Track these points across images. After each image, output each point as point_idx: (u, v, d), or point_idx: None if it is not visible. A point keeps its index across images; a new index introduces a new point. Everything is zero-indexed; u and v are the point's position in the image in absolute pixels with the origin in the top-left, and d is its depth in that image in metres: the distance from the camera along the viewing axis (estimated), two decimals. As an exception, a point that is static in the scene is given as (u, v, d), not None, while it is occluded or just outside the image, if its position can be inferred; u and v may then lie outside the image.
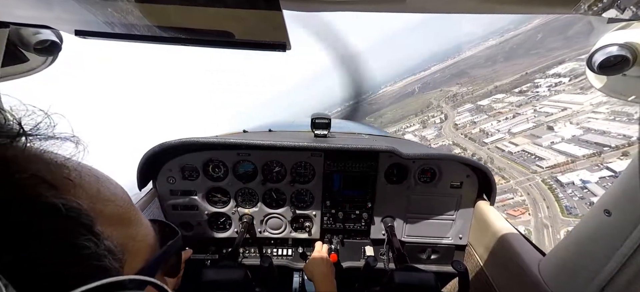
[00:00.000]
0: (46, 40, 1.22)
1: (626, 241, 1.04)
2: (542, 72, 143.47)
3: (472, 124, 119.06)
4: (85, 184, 0.43)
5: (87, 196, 0.42)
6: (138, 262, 0.48)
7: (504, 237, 1.76)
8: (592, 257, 1.16)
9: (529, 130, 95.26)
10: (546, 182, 69.40)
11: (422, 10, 0.76)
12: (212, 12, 0.68)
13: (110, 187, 0.48)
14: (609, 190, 1.15)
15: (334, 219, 2.35)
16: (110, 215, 0.45)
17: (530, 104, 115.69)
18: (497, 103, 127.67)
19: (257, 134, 2.86)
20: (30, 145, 0.43)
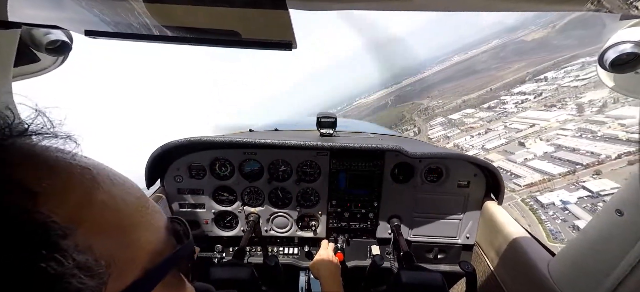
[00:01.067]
0: (57, 40, 1.24)
1: (639, 242, 1.02)
2: (505, 89, 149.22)
3: (446, 139, 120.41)
4: (73, 189, 0.39)
5: (73, 204, 0.37)
6: (133, 273, 0.43)
7: (512, 236, 1.73)
8: (604, 258, 1.14)
9: (501, 146, 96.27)
10: (526, 202, 68.54)
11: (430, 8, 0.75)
12: (219, 11, 0.68)
13: (115, 191, 0.44)
14: (620, 189, 1.12)
15: (339, 218, 2.35)
16: (102, 223, 0.40)
17: (500, 120, 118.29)
18: (467, 118, 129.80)
19: (263, 133, 2.87)
20: (25, 144, 0.41)
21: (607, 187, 60.28)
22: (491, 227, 2.01)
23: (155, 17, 0.72)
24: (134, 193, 0.48)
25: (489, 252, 2.01)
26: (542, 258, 1.51)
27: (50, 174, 0.38)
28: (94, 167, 0.43)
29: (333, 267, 1.94)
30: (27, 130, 0.43)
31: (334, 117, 2.38)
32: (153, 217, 0.49)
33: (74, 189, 0.39)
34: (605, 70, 0.99)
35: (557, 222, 60.54)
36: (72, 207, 0.37)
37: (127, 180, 0.48)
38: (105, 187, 0.42)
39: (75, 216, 0.36)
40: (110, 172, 0.46)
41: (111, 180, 0.44)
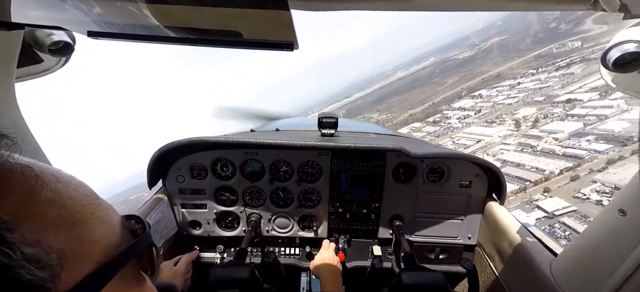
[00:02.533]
0: (59, 41, 1.25)
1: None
2: (446, 103, 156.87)
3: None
4: (15, 187, 0.40)
5: (16, 201, 0.39)
6: (87, 265, 0.44)
7: (514, 237, 1.73)
8: (607, 258, 1.13)
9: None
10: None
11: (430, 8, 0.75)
12: (221, 12, 0.68)
13: (61, 188, 0.45)
14: (623, 189, 1.12)
15: (341, 218, 2.35)
16: (49, 218, 0.41)
17: (447, 135, 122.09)
18: (416, 132, 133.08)
19: (265, 134, 2.87)
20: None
21: (560, 206, 60.67)
22: (493, 227, 2.00)
23: (158, 18, 0.72)
24: (82, 190, 0.49)
25: (491, 253, 2.01)
26: (545, 258, 1.50)
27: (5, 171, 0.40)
28: (36, 167, 0.44)
29: (334, 267, 1.94)
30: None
31: (335, 118, 2.38)
32: (105, 213, 0.50)
33: (16, 187, 0.40)
34: (608, 69, 0.99)
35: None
36: (16, 204, 0.38)
37: (73, 178, 0.49)
38: (50, 185, 0.43)
39: (21, 212, 0.38)
40: (55, 170, 0.47)
41: (56, 178, 0.45)
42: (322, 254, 2.07)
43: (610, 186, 59.98)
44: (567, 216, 58.79)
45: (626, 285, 1.08)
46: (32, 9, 0.81)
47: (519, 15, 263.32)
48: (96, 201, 0.50)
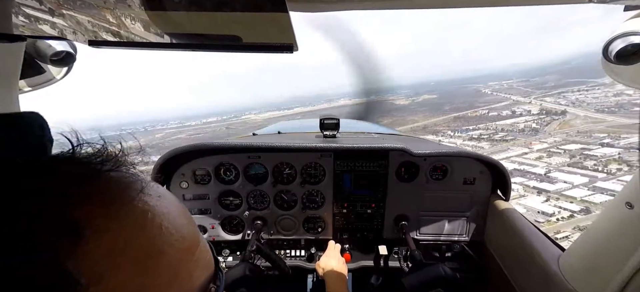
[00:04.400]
0: (61, 52, 1.26)
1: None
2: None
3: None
4: (117, 234, 0.35)
5: (106, 251, 0.34)
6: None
7: (521, 232, 1.72)
8: (615, 252, 1.12)
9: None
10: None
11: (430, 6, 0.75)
12: (220, 17, 0.68)
13: (154, 245, 0.39)
14: (630, 182, 1.11)
15: (345, 219, 2.34)
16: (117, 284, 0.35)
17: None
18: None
19: (267, 137, 2.88)
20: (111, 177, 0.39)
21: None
22: (499, 224, 1.99)
23: (158, 26, 0.73)
24: (180, 249, 0.42)
25: (498, 249, 1.99)
26: (552, 254, 1.49)
27: (109, 216, 0.36)
28: (153, 213, 0.40)
29: (339, 268, 1.93)
30: (116, 164, 0.41)
31: (336, 119, 2.38)
32: (190, 280, 0.44)
33: (115, 239, 0.35)
34: (610, 62, 0.98)
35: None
36: (101, 260, 0.33)
37: (182, 229, 0.43)
38: (147, 240, 0.38)
39: (102, 270, 0.33)
40: (163, 219, 0.41)
41: (163, 230, 0.40)
42: (328, 255, 2.06)
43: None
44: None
45: (635, 279, 1.07)
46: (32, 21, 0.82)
47: (448, 81, 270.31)
48: (180, 270, 0.43)
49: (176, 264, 0.41)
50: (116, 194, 0.38)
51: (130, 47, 0.84)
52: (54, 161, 0.39)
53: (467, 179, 2.16)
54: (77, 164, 0.38)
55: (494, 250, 2.04)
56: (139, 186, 0.41)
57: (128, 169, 0.43)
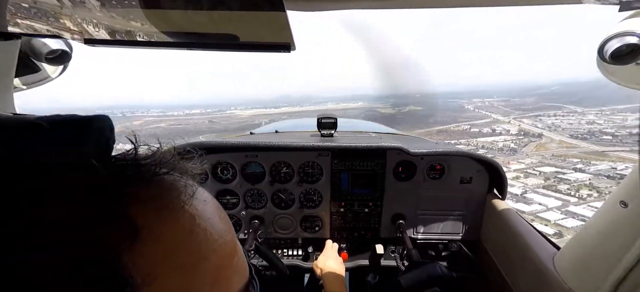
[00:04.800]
0: (57, 50, 1.25)
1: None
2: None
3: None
4: (167, 238, 0.36)
5: (159, 255, 0.35)
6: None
7: (516, 231, 1.73)
8: (610, 250, 1.13)
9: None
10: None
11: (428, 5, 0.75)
12: (217, 16, 0.68)
13: (200, 250, 0.39)
14: (624, 180, 1.12)
15: (343, 218, 2.35)
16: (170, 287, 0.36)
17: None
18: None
19: (264, 136, 2.87)
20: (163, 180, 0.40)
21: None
22: (495, 223, 2.00)
23: (155, 24, 0.72)
24: (222, 262, 0.43)
25: (494, 248, 2.00)
26: (548, 252, 1.50)
27: (163, 219, 0.37)
28: (200, 217, 0.41)
29: (337, 268, 1.94)
30: (170, 167, 0.42)
31: (334, 118, 2.38)
32: (229, 286, 0.44)
33: (170, 242, 0.36)
34: (605, 61, 0.99)
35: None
36: (155, 261, 0.34)
37: (224, 237, 0.44)
38: (196, 242, 0.39)
39: (154, 272, 0.33)
40: (210, 224, 0.42)
41: (207, 235, 0.41)
42: (326, 255, 2.07)
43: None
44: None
45: (629, 276, 1.08)
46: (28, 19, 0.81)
47: (434, 94, 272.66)
48: (222, 275, 0.43)
49: (218, 269, 0.42)
50: (169, 197, 0.39)
51: (127, 46, 0.83)
52: (119, 161, 0.40)
53: (464, 178, 2.17)
54: (137, 165, 0.40)
55: (490, 249, 2.05)
56: (191, 191, 0.42)
57: (180, 172, 0.44)
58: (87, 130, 0.34)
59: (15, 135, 0.32)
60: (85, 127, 0.34)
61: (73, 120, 0.34)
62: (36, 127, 0.32)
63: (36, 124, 0.32)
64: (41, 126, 0.32)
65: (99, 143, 0.36)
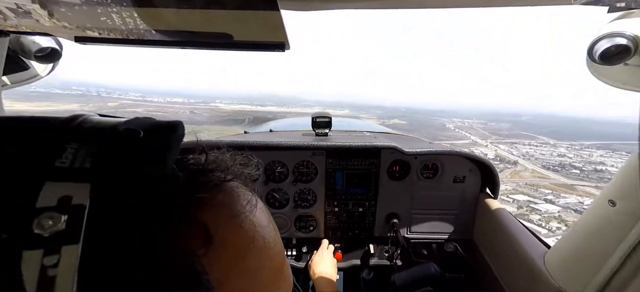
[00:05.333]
0: (46, 48, 1.23)
1: (632, 230, 1.03)
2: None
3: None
4: (235, 245, 0.38)
5: (227, 261, 0.36)
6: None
7: (508, 230, 1.75)
8: (598, 248, 1.15)
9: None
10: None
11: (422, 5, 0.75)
12: (210, 14, 0.68)
13: (261, 258, 0.41)
14: (612, 180, 1.14)
15: (337, 217, 2.35)
16: (237, 290, 0.37)
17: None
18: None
19: (258, 135, 2.86)
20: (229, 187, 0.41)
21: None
22: (487, 222, 2.02)
23: (147, 22, 0.71)
24: (278, 260, 0.45)
25: (486, 247, 2.03)
26: (538, 251, 1.52)
27: (230, 225, 0.38)
28: (259, 224, 0.42)
29: (329, 267, 1.94)
30: (235, 175, 0.44)
31: (329, 117, 2.38)
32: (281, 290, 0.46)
33: (237, 247, 0.38)
34: (595, 62, 1.00)
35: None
36: (224, 266, 0.35)
37: (277, 243, 0.45)
38: (257, 248, 0.40)
39: (223, 277, 0.35)
40: (266, 232, 0.43)
41: (265, 241, 0.42)
42: (320, 256, 2.07)
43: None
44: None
45: (617, 275, 1.10)
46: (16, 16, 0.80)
47: (418, 110, 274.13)
48: (279, 277, 0.45)
49: (273, 277, 0.43)
50: (235, 204, 0.40)
51: (119, 44, 0.82)
52: (191, 166, 0.41)
53: (457, 178, 2.19)
54: (207, 171, 0.41)
55: (482, 248, 2.07)
56: (253, 199, 0.43)
57: (241, 179, 0.45)
58: (173, 137, 0.34)
59: (119, 144, 0.31)
60: (171, 134, 0.34)
61: (161, 127, 0.34)
62: (133, 134, 0.32)
63: (133, 131, 0.32)
64: (137, 133, 0.32)
65: (177, 150, 0.37)
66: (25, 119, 0.32)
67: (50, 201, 0.26)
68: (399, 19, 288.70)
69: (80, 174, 0.28)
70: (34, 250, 0.24)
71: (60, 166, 0.28)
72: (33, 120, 0.32)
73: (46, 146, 0.29)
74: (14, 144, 0.29)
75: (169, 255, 0.30)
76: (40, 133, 0.30)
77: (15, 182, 0.27)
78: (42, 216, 0.25)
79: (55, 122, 0.32)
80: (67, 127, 0.31)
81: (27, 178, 0.27)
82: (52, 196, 0.26)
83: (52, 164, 0.28)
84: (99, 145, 0.30)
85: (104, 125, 0.33)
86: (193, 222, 0.34)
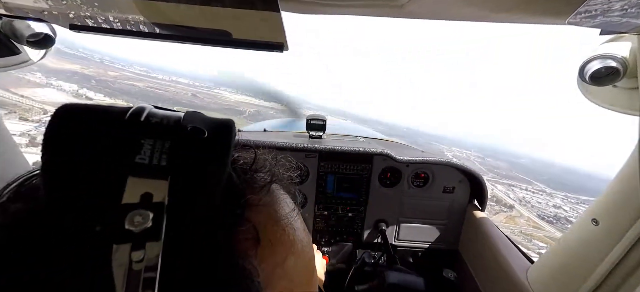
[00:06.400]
0: (40, 33, 1.21)
1: (613, 250, 1.05)
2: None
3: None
4: (281, 246, 0.39)
5: (273, 263, 0.37)
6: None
7: (493, 243, 1.77)
8: (580, 265, 1.18)
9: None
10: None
11: (418, 17, 0.76)
12: (209, 10, 0.67)
13: (299, 260, 0.42)
14: (597, 199, 1.17)
15: (326, 221, 2.35)
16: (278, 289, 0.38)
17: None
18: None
19: (252, 134, 2.85)
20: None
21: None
22: (474, 233, 2.04)
23: (144, 14, 0.71)
24: (311, 264, 0.46)
25: (471, 258, 2.05)
26: (521, 265, 1.54)
27: (275, 227, 0.39)
28: (297, 229, 0.43)
29: (318, 266, 1.94)
30: (278, 177, 0.45)
31: (323, 120, 2.38)
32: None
33: (280, 249, 0.38)
34: (585, 82, 1.03)
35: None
36: (270, 268, 0.36)
37: (311, 247, 0.46)
38: (297, 252, 0.41)
39: (268, 279, 0.35)
40: (303, 236, 0.44)
41: (302, 246, 0.43)
42: None
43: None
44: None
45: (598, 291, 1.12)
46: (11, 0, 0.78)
47: (418, 132, 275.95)
48: (312, 279, 0.46)
49: (308, 279, 0.45)
50: (279, 207, 0.42)
51: (115, 34, 0.81)
52: (240, 166, 0.42)
53: (447, 188, 2.21)
54: (255, 171, 0.42)
55: (468, 259, 2.09)
56: (293, 204, 0.46)
57: (286, 183, 0.48)
58: (231, 136, 0.34)
59: (189, 143, 0.31)
60: (230, 135, 0.34)
61: (221, 127, 0.34)
62: (199, 133, 0.32)
63: (200, 130, 0.32)
64: (203, 132, 0.32)
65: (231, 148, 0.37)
66: (91, 108, 0.32)
67: (134, 197, 0.27)
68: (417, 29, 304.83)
69: (159, 171, 0.28)
70: (124, 244, 0.25)
71: (141, 162, 0.28)
72: (102, 112, 0.32)
73: (123, 140, 0.29)
74: (94, 137, 0.29)
75: (231, 256, 0.31)
76: (114, 126, 0.31)
77: (102, 176, 0.27)
78: (134, 213, 0.26)
79: (123, 115, 0.32)
80: (137, 122, 0.31)
81: (111, 173, 0.28)
82: (136, 193, 0.27)
83: (133, 159, 0.28)
84: (171, 142, 0.30)
85: (169, 120, 0.33)
86: (245, 223, 0.35)
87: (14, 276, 0.25)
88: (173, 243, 0.27)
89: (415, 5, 0.70)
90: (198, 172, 0.30)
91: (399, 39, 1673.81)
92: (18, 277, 0.25)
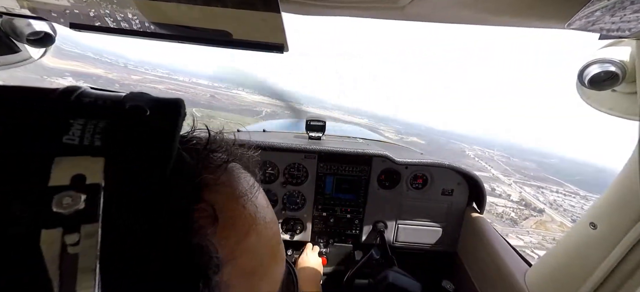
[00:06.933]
0: (40, 32, 1.21)
1: (611, 253, 1.06)
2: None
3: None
4: (241, 222, 0.39)
5: (234, 238, 0.37)
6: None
7: (491, 246, 1.77)
8: (577, 269, 1.18)
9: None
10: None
11: (419, 19, 0.77)
12: (210, 10, 0.67)
13: (264, 234, 0.42)
14: (594, 203, 1.17)
15: (324, 222, 2.35)
16: (244, 265, 0.39)
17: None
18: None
19: (252, 134, 2.85)
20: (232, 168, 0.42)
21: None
22: (472, 236, 2.04)
23: (145, 13, 0.71)
24: (275, 239, 0.46)
25: (469, 261, 2.05)
26: (520, 268, 1.54)
27: (234, 204, 0.39)
28: (259, 205, 0.43)
29: (315, 269, 1.94)
30: (235, 156, 0.45)
31: (323, 121, 2.38)
32: (278, 268, 0.48)
33: (240, 226, 0.39)
34: (584, 86, 1.03)
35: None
36: (230, 245, 0.36)
37: (275, 223, 0.47)
38: (259, 228, 0.41)
39: (229, 255, 0.36)
40: (266, 212, 0.45)
41: (265, 222, 0.43)
42: (305, 256, 2.06)
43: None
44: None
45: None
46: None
47: (438, 131, 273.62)
48: (277, 253, 0.47)
49: (271, 255, 0.45)
50: (238, 185, 0.42)
51: (115, 34, 0.81)
52: (194, 146, 0.42)
53: (446, 190, 2.21)
54: (210, 151, 0.42)
55: (466, 261, 2.09)
56: (253, 180, 0.45)
57: (241, 161, 0.47)
58: (178, 115, 0.33)
59: (126, 122, 0.30)
60: (177, 113, 0.33)
61: (166, 105, 0.34)
62: (140, 111, 0.31)
63: (140, 108, 0.31)
64: (144, 111, 0.31)
65: (181, 129, 0.36)
66: (17, 89, 0.31)
67: (63, 180, 0.25)
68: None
69: (92, 151, 0.27)
70: (53, 229, 0.24)
71: (69, 142, 0.27)
72: (27, 91, 0.31)
73: (49, 119, 0.28)
74: (14, 116, 0.28)
75: (183, 235, 0.30)
76: (40, 105, 0.29)
77: (24, 158, 0.26)
78: (61, 195, 0.25)
79: (51, 95, 0.30)
80: (67, 101, 0.30)
81: (35, 154, 0.26)
82: (64, 175, 0.25)
83: (60, 140, 0.27)
84: (106, 122, 0.29)
85: (106, 100, 0.32)
86: (200, 202, 0.34)
87: None
88: (114, 225, 0.26)
89: (415, 7, 0.70)
90: (138, 151, 0.29)
91: (414, 39, 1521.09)
92: None
